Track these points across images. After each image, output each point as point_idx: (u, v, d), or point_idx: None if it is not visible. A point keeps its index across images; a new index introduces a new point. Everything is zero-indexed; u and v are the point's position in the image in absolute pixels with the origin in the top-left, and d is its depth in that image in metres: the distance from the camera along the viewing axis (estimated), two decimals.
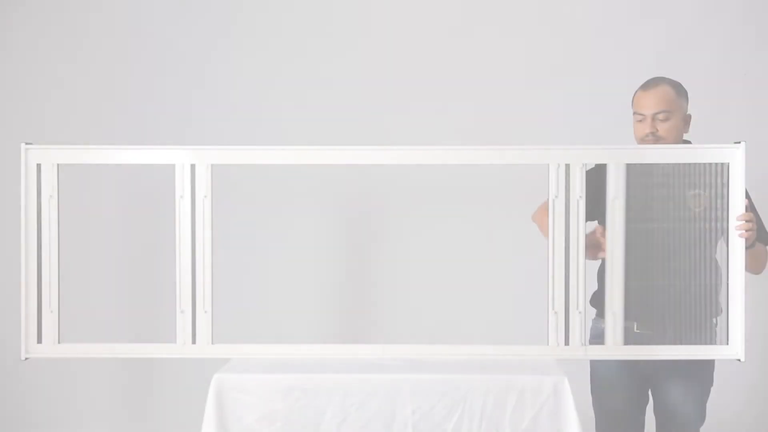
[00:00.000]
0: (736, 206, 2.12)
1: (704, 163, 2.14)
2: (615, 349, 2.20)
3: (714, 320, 2.21)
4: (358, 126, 3.36)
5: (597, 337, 2.32)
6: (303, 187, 3.37)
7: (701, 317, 2.18)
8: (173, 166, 2.19)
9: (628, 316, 2.21)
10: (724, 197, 2.12)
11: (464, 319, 3.32)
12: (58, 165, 2.18)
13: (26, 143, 2.18)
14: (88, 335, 2.31)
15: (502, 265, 3.35)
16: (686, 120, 2.35)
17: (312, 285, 3.49)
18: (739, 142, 2.11)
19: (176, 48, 3.47)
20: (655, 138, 2.27)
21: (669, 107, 2.29)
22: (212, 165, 2.18)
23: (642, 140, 2.30)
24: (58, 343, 2.21)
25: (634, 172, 2.17)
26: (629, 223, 2.17)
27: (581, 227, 2.16)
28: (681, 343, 2.18)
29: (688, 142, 2.36)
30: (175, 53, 3.47)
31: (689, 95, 2.37)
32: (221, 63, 3.47)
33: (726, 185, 2.12)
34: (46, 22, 3.49)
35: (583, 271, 2.16)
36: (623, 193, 2.14)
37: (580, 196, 2.15)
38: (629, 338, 2.22)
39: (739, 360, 2.15)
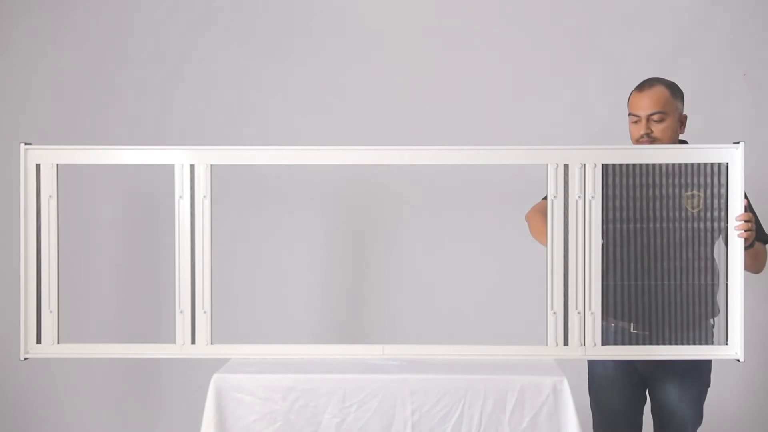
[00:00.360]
0: (735, 206, 2.12)
1: (703, 163, 2.14)
2: (615, 349, 2.20)
3: (711, 321, 2.22)
4: (358, 126, 3.36)
5: None
6: (302, 187, 3.37)
7: (698, 318, 2.19)
8: (172, 166, 2.19)
9: (624, 316, 2.21)
10: (723, 197, 2.12)
11: (464, 319, 3.33)
12: (57, 165, 2.18)
13: (25, 143, 2.18)
14: (88, 335, 2.31)
15: (501, 265, 3.35)
16: (682, 120, 2.35)
17: (311, 285, 3.49)
18: (738, 142, 2.11)
19: (176, 48, 3.47)
20: (651, 139, 2.28)
21: (664, 108, 2.29)
22: (211, 165, 2.18)
23: (637, 141, 2.31)
24: (58, 343, 2.21)
25: (629, 172, 2.17)
26: (626, 222, 2.17)
27: (580, 227, 2.16)
28: (678, 343, 2.18)
29: (684, 142, 2.37)
30: (175, 54, 3.47)
31: (689, 95, 2.37)
32: (221, 63, 3.47)
33: (725, 185, 2.12)
34: (46, 23, 3.49)
35: (583, 272, 2.16)
36: (600, 192, 2.14)
37: (579, 196, 2.15)
38: (626, 339, 2.23)
39: (738, 360, 2.15)
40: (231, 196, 3.24)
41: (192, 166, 2.18)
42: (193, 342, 2.20)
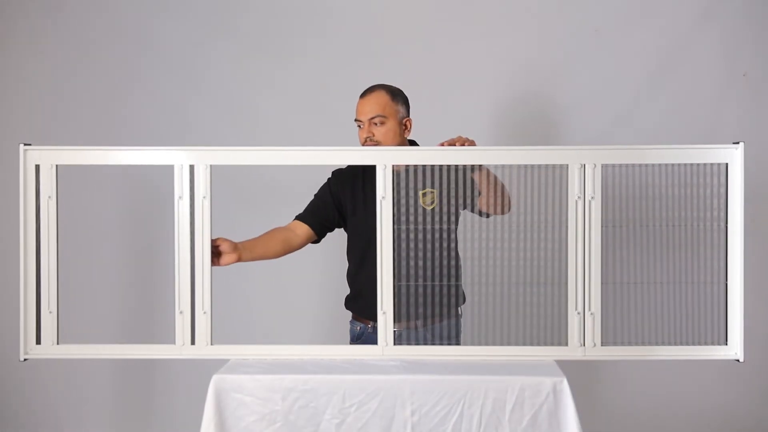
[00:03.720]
0: (735, 206, 2.12)
1: (703, 163, 2.13)
2: (615, 349, 2.20)
3: (459, 309, 2.32)
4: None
5: (354, 339, 2.51)
6: (302, 187, 3.37)
7: (447, 308, 2.25)
8: (172, 166, 2.19)
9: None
10: (723, 197, 2.12)
11: (463, 320, 3.32)
12: (56, 166, 2.18)
13: (25, 144, 2.18)
14: (87, 336, 2.31)
15: (500, 265, 3.35)
16: (405, 124, 2.46)
17: (311, 285, 3.48)
18: (738, 143, 2.11)
19: (176, 49, 3.47)
20: (374, 142, 2.39)
21: (383, 112, 2.39)
22: (211, 166, 2.18)
23: (364, 145, 2.40)
24: (57, 343, 2.21)
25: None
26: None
27: (580, 227, 2.16)
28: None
29: (414, 142, 2.48)
30: (175, 54, 3.47)
31: (689, 95, 2.37)
32: (220, 64, 3.47)
33: (725, 185, 2.12)
34: (46, 24, 3.49)
35: (582, 272, 2.16)
36: (600, 192, 2.14)
37: (579, 196, 2.15)
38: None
39: (738, 360, 2.15)
40: (231, 196, 3.23)
41: (192, 167, 2.18)
42: (192, 342, 2.20)
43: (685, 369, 3.17)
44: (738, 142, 2.11)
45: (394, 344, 2.20)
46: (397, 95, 2.46)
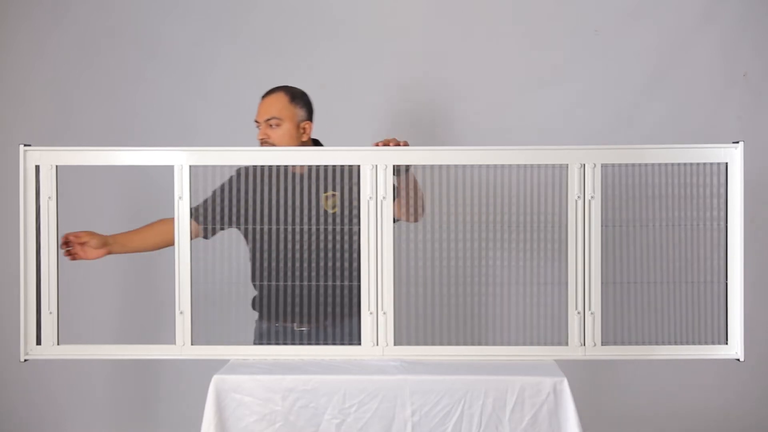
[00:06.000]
0: (735, 206, 2.12)
1: (703, 163, 2.14)
2: (614, 349, 2.20)
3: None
4: (360, 127, 3.36)
5: (258, 337, 2.42)
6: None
7: (349, 313, 2.25)
8: (172, 167, 2.19)
9: (284, 317, 2.26)
10: (722, 197, 2.12)
11: (463, 320, 3.32)
12: (56, 166, 2.18)
13: (24, 145, 2.18)
14: (88, 336, 2.31)
15: (499, 266, 3.35)
16: (304, 127, 2.45)
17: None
18: (738, 142, 2.11)
19: (176, 49, 3.47)
20: (269, 144, 2.39)
21: (279, 114, 2.40)
22: (211, 166, 2.18)
23: (261, 145, 2.40)
24: (57, 344, 2.21)
25: None
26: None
27: (579, 227, 2.16)
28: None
29: (318, 142, 2.50)
30: (175, 55, 3.47)
31: (689, 95, 2.37)
32: (221, 64, 3.47)
33: (725, 185, 2.12)
34: (47, 24, 3.49)
35: (582, 272, 2.16)
36: (600, 192, 2.15)
37: (579, 196, 2.15)
38: (295, 337, 2.30)
39: (738, 360, 2.15)
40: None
41: (191, 167, 2.18)
42: (192, 342, 2.20)
43: (685, 369, 3.17)
44: (738, 142, 2.11)
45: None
46: (298, 98, 2.46)
